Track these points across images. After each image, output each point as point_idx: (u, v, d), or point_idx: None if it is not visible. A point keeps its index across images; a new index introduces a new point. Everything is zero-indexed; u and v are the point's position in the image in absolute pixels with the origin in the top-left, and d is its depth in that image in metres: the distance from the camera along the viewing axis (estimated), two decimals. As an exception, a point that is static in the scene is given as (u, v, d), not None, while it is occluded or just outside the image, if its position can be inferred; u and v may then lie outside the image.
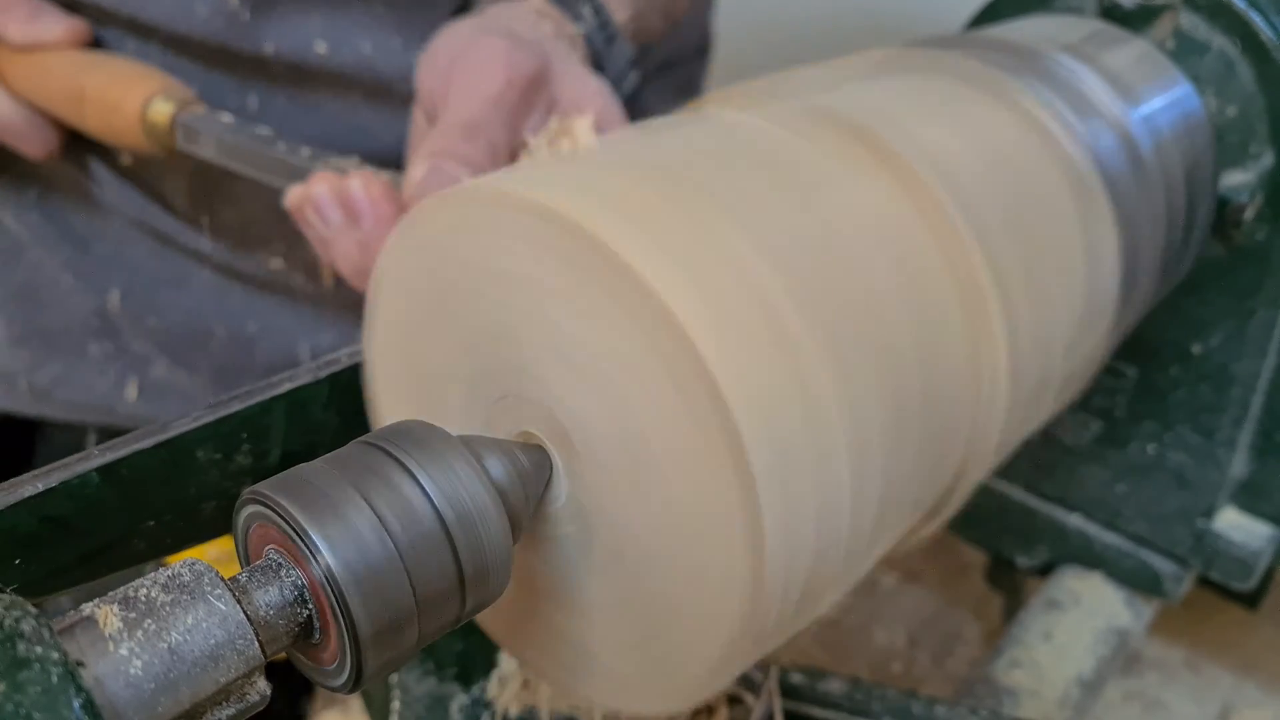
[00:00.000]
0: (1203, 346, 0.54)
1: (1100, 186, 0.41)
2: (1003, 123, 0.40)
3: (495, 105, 0.47)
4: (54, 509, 0.32)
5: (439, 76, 0.49)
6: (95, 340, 0.68)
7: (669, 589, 0.29)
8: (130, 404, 0.69)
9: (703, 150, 0.33)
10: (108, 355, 0.68)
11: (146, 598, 0.23)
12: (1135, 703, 0.68)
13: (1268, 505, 0.57)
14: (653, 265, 0.26)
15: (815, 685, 0.46)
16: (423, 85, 0.51)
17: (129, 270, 0.67)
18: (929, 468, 0.34)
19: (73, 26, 0.58)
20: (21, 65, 0.59)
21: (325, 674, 0.27)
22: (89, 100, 0.56)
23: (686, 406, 0.26)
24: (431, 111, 0.50)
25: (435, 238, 0.31)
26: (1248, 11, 0.49)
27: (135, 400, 0.69)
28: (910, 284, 0.33)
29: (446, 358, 0.32)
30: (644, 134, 0.35)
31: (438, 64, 0.50)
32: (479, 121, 0.46)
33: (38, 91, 0.59)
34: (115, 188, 0.66)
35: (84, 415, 0.70)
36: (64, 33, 0.58)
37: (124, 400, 0.69)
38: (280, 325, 0.68)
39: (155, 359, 0.69)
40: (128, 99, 0.55)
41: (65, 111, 0.58)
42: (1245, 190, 0.50)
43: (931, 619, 0.79)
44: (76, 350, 0.69)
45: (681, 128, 0.35)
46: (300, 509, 0.25)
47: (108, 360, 0.68)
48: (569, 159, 0.32)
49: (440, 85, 0.49)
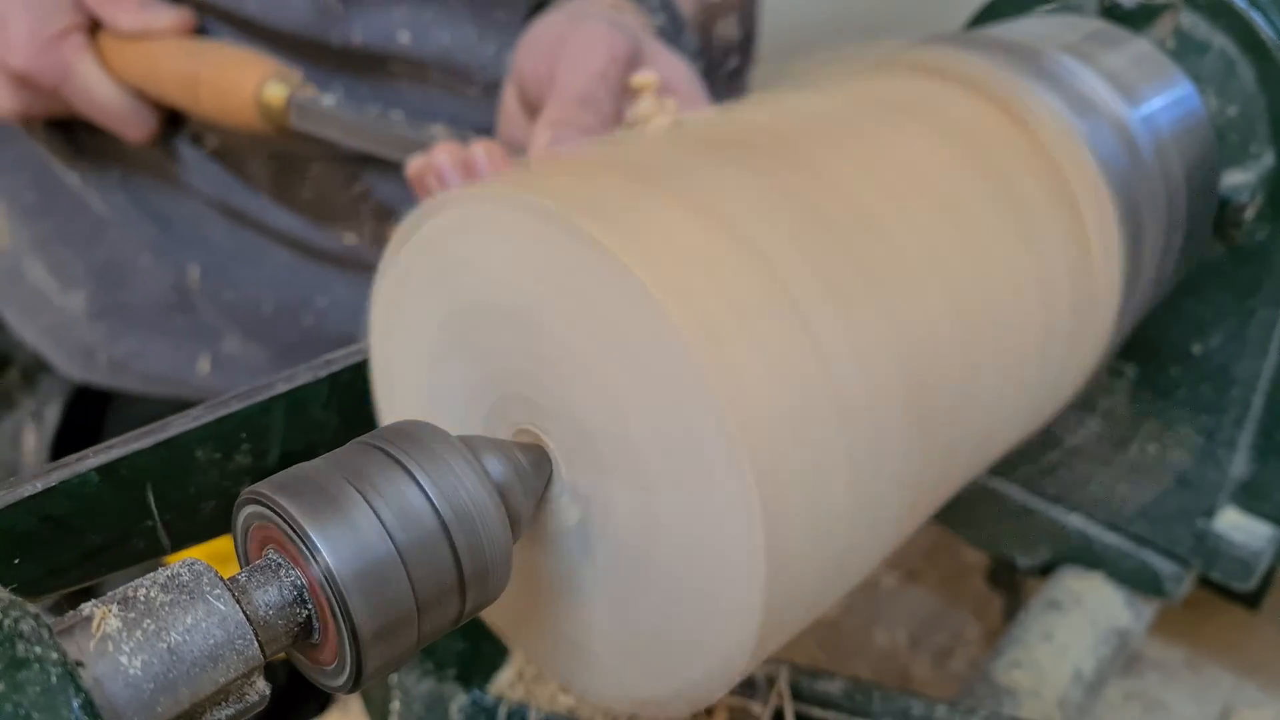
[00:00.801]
0: (1203, 346, 0.54)
1: (1102, 186, 0.41)
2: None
3: (602, 79, 0.51)
4: (53, 508, 0.32)
5: (542, 59, 0.53)
6: (171, 315, 0.72)
7: (669, 588, 0.29)
8: (202, 377, 0.72)
9: (705, 146, 0.33)
10: (182, 330, 0.72)
11: (146, 598, 0.23)
12: (1136, 703, 0.68)
13: (1269, 505, 0.57)
14: (647, 267, 0.26)
15: (815, 685, 0.46)
16: (523, 68, 0.55)
17: (207, 248, 0.71)
18: (937, 469, 0.34)
19: (180, 15, 0.62)
20: (131, 52, 0.62)
21: (325, 674, 0.27)
22: (204, 84, 0.60)
23: (680, 406, 0.26)
24: (531, 92, 0.55)
25: (437, 238, 0.31)
26: (1248, 11, 0.49)
27: (207, 374, 0.72)
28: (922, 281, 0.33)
29: (446, 358, 0.33)
30: (640, 135, 0.35)
31: (540, 48, 0.54)
32: (590, 94, 0.50)
33: (148, 77, 0.62)
34: (199, 168, 0.69)
35: (158, 388, 0.73)
36: (172, 21, 0.62)
37: (196, 374, 0.72)
38: (351, 301, 0.71)
39: (228, 333, 0.72)
40: (243, 82, 0.59)
41: (178, 96, 0.62)
42: (1246, 190, 0.50)
43: (932, 619, 0.79)
44: (154, 325, 0.72)
45: (688, 127, 0.35)
46: (300, 509, 0.25)
47: (182, 335, 0.72)
48: (573, 160, 0.32)
49: (544, 67, 0.53)
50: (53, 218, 0.73)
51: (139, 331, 0.73)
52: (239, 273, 0.71)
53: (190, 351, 0.73)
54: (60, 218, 0.73)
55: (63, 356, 0.75)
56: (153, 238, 0.71)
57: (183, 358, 0.73)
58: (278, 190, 0.70)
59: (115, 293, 0.73)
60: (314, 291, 0.72)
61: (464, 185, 0.32)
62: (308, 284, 0.72)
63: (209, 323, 0.72)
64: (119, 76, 0.63)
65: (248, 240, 0.71)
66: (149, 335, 0.72)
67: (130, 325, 0.73)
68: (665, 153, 0.33)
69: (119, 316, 0.73)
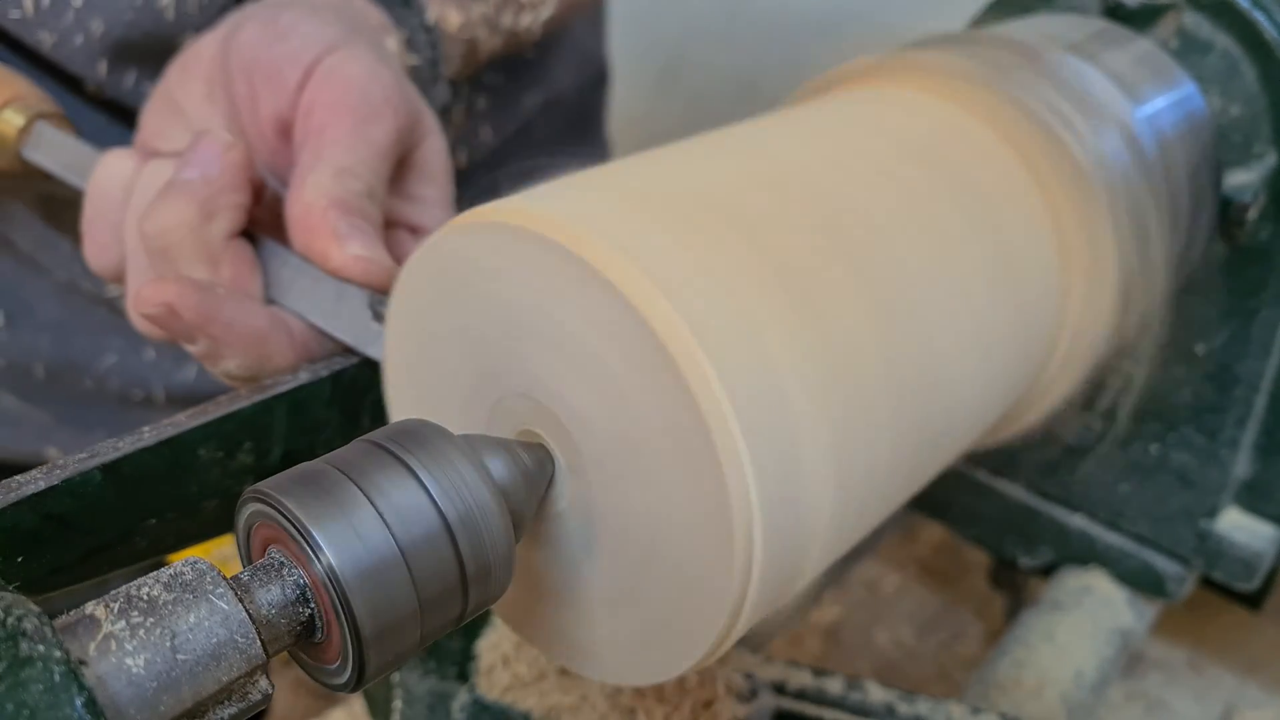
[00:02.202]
0: (1206, 346, 0.54)
1: (1102, 185, 0.41)
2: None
3: (382, 159, 0.41)
4: (56, 507, 0.32)
5: (295, 65, 0.42)
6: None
7: (669, 584, 0.30)
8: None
9: (698, 166, 0.34)
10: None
11: (148, 596, 0.23)
12: (1138, 703, 0.68)
13: (1271, 506, 0.57)
14: (633, 282, 0.27)
15: (815, 685, 0.46)
16: (257, 64, 0.42)
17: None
18: (924, 459, 0.35)
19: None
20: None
21: (327, 673, 0.27)
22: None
23: (671, 407, 0.27)
24: (257, 96, 0.42)
25: (445, 248, 0.31)
26: (1251, 11, 0.49)
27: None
28: (911, 284, 0.34)
29: (451, 357, 0.33)
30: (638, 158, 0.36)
31: (290, 48, 0.42)
32: (369, 170, 0.40)
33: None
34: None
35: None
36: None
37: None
38: (133, 358, 0.63)
39: (1, 392, 0.64)
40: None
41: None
42: (1249, 190, 0.50)
43: (933, 619, 0.79)
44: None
45: (682, 147, 0.36)
46: (302, 508, 0.25)
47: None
48: (569, 183, 0.33)
49: (293, 86, 0.41)
50: None
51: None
52: (1, 334, 0.62)
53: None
54: None
55: None
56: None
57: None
58: (46, 234, 0.59)
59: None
60: (91, 353, 0.62)
61: (472, 212, 0.30)
62: (82, 344, 0.62)
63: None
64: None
65: (9, 294, 0.61)
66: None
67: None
68: (652, 168, 0.34)
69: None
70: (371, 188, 0.40)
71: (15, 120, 0.49)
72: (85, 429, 0.64)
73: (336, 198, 0.38)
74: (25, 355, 0.62)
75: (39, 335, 0.62)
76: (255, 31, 0.42)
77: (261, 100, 0.42)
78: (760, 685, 0.45)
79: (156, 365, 0.63)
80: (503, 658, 0.46)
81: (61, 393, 0.63)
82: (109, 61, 0.52)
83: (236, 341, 0.38)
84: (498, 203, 0.31)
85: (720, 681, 0.44)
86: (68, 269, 0.60)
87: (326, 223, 0.38)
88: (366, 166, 0.40)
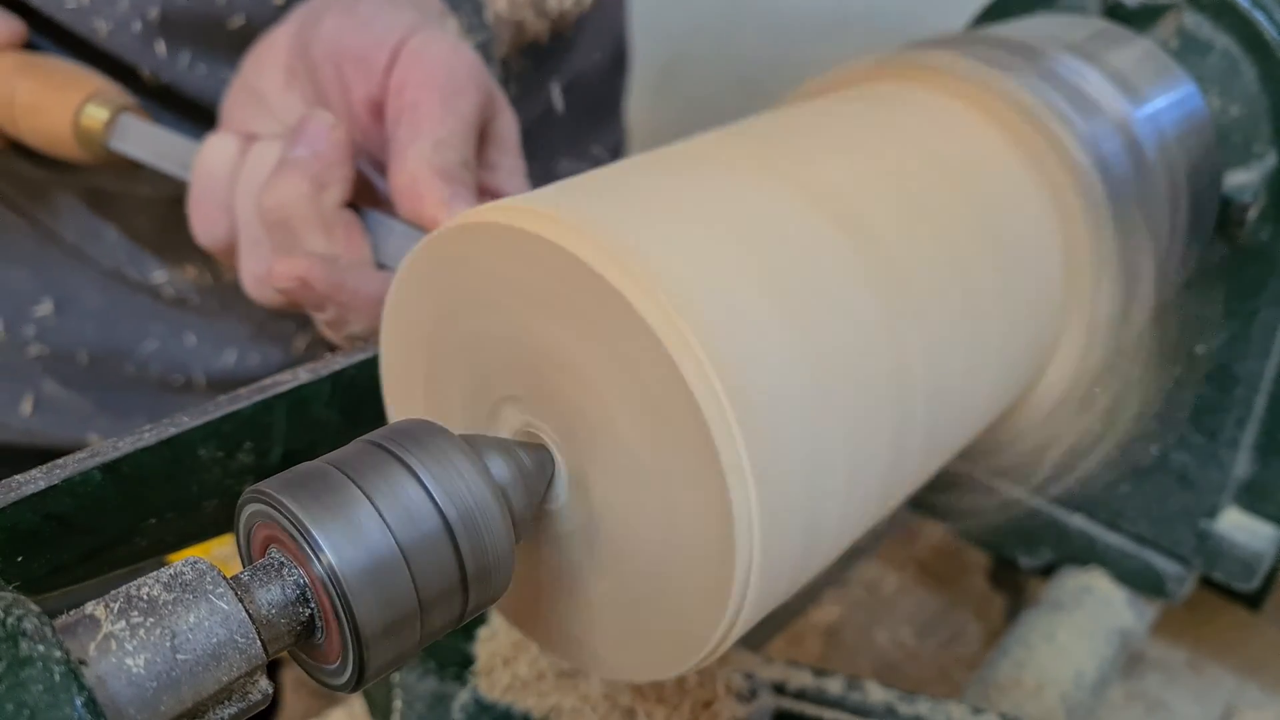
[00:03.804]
0: (1206, 346, 0.54)
1: (1102, 185, 0.41)
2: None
3: (471, 129, 0.44)
4: (56, 506, 0.32)
5: (381, 49, 0.44)
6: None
7: (669, 584, 0.30)
8: (25, 419, 0.67)
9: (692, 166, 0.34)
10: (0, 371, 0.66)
11: (149, 596, 0.23)
12: (1137, 703, 0.68)
13: (1271, 506, 0.57)
14: (633, 283, 0.27)
15: (815, 685, 0.46)
16: (344, 51, 0.45)
17: (12, 300, 0.64)
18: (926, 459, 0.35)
19: (5, 27, 0.54)
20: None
21: (328, 673, 0.27)
22: (19, 104, 0.53)
23: (671, 408, 0.27)
24: (347, 81, 0.45)
25: (448, 249, 0.32)
26: (1251, 11, 0.49)
27: (30, 415, 0.67)
28: (906, 290, 0.34)
29: (451, 357, 0.33)
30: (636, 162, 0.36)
31: (375, 34, 0.45)
32: (460, 139, 0.43)
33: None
34: (1, 211, 0.63)
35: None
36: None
37: (18, 415, 0.66)
38: (173, 344, 0.65)
39: (47, 378, 0.66)
40: (62, 103, 0.52)
41: (0, 119, 0.55)
42: (1249, 190, 0.50)
43: (933, 619, 0.79)
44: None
45: (681, 146, 0.37)
46: (302, 507, 0.25)
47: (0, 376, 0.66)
48: (569, 183, 0.33)
49: (381, 68, 0.44)
50: None
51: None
52: (46, 322, 0.64)
53: (12, 392, 0.66)
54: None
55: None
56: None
57: (3, 399, 0.66)
58: (92, 224, 0.62)
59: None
60: (133, 339, 0.65)
61: (473, 212, 0.31)
62: (125, 331, 0.65)
63: (23, 370, 0.66)
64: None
65: (56, 283, 0.64)
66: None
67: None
68: (652, 168, 0.34)
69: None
70: (465, 157, 0.43)
71: (100, 114, 0.52)
72: (125, 415, 0.67)
73: (438, 167, 0.42)
74: (70, 343, 0.64)
75: (84, 323, 0.64)
76: (337, 22, 0.46)
77: (352, 84, 0.45)
78: (760, 685, 0.45)
79: (196, 351, 0.65)
80: (503, 658, 0.46)
81: (103, 379, 0.66)
82: (165, 45, 0.55)
83: (361, 306, 0.41)
84: (496, 203, 0.31)
85: (720, 681, 0.44)
86: (112, 258, 0.63)
87: (432, 190, 0.41)
88: (459, 137, 0.43)
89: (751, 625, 0.31)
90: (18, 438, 0.67)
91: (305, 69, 0.47)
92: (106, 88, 0.53)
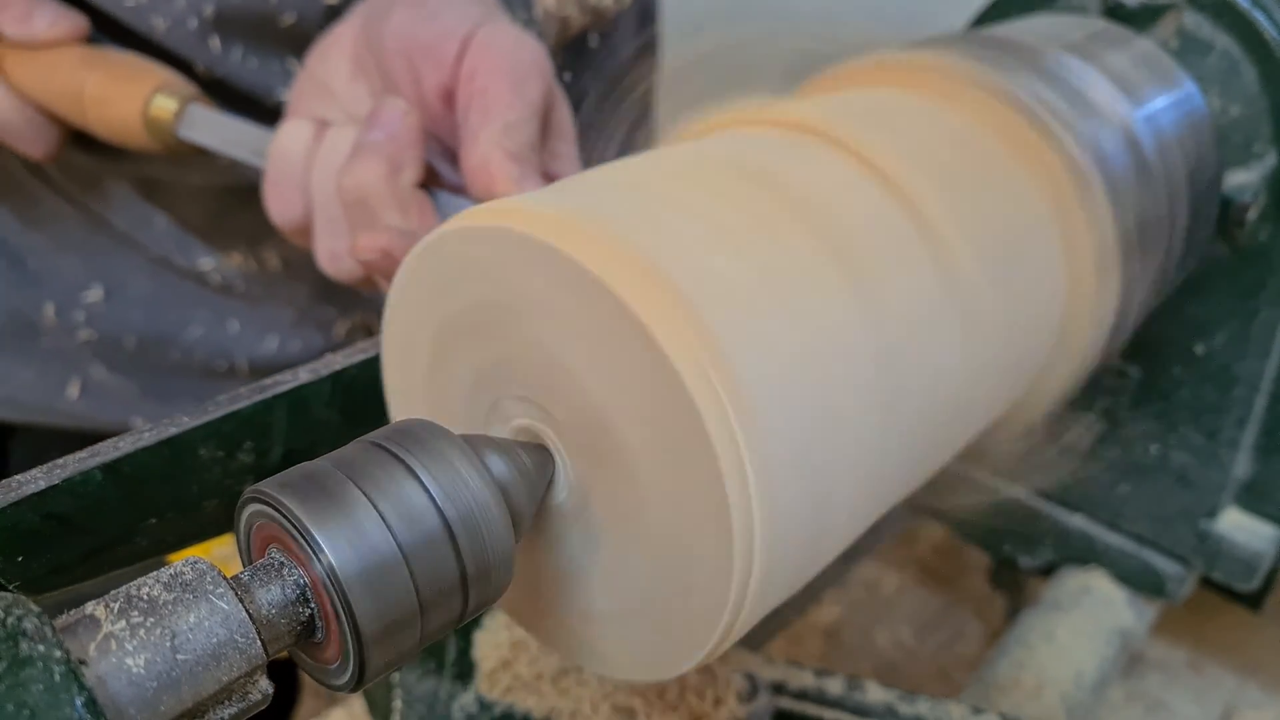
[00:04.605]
0: (1206, 346, 0.54)
1: (1102, 185, 0.41)
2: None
3: (535, 115, 0.46)
4: (56, 506, 0.32)
5: (451, 40, 0.47)
6: (35, 341, 0.68)
7: (669, 583, 0.30)
8: (71, 402, 0.69)
9: (681, 163, 0.35)
10: (49, 355, 0.68)
11: (149, 596, 0.23)
12: (1137, 703, 0.68)
13: (1271, 506, 0.57)
14: (630, 283, 0.27)
15: (815, 685, 0.46)
16: (415, 42, 0.47)
17: (62, 284, 0.67)
18: (926, 458, 0.35)
19: (70, 22, 0.57)
20: (25, 63, 0.58)
21: (328, 673, 0.27)
22: (89, 97, 0.56)
23: (670, 408, 0.27)
24: (418, 70, 0.47)
25: (447, 250, 0.32)
26: (1251, 11, 0.49)
27: (77, 399, 0.69)
28: (906, 272, 0.34)
29: (451, 357, 0.33)
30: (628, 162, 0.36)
31: (444, 26, 0.47)
32: (527, 123, 0.46)
33: (41, 90, 0.58)
34: (54, 199, 0.65)
35: (23, 415, 0.70)
36: (59, 30, 0.57)
37: (65, 399, 0.69)
38: (218, 330, 0.68)
39: (94, 363, 0.69)
40: (130, 95, 0.55)
41: (68, 110, 0.57)
42: (1249, 190, 0.50)
43: (934, 619, 0.79)
44: (17, 350, 0.68)
45: (668, 150, 0.37)
46: (302, 508, 0.25)
47: (49, 360, 0.69)
48: (567, 184, 0.33)
49: (452, 57, 0.46)
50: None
51: (2, 357, 0.69)
52: (95, 308, 0.67)
53: (59, 376, 0.69)
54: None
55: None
56: (3, 272, 0.67)
57: (51, 383, 0.69)
58: (143, 211, 0.65)
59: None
60: (179, 325, 0.68)
61: (472, 213, 0.31)
62: (172, 317, 0.67)
63: (72, 353, 0.69)
64: (16, 88, 0.58)
65: (106, 270, 0.67)
66: (13, 360, 0.69)
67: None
68: (650, 168, 0.34)
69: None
70: (532, 140, 0.46)
71: (169, 105, 0.54)
72: (169, 400, 0.69)
73: (508, 148, 0.44)
74: (118, 328, 0.67)
75: (132, 309, 0.67)
76: (407, 15, 0.48)
77: (423, 73, 0.47)
78: (760, 685, 0.45)
79: (240, 338, 0.68)
80: (503, 659, 0.46)
81: (149, 364, 0.68)
82: (219, 41, 0.58)
83: None
84: (495, 203, 0.31)
85: (720, 681, 0.45)
86: (161, 245, 0.66)
87: (504, 171, 0.44)
88: (526, 122, 0.45)
89: (752, 625, 0.31)
90: (64, 421, 0.69)
91: (373, 61, 0.49)
92: (173, 79, 0.56)
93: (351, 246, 0.45)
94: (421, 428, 0.28)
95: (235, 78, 0.59)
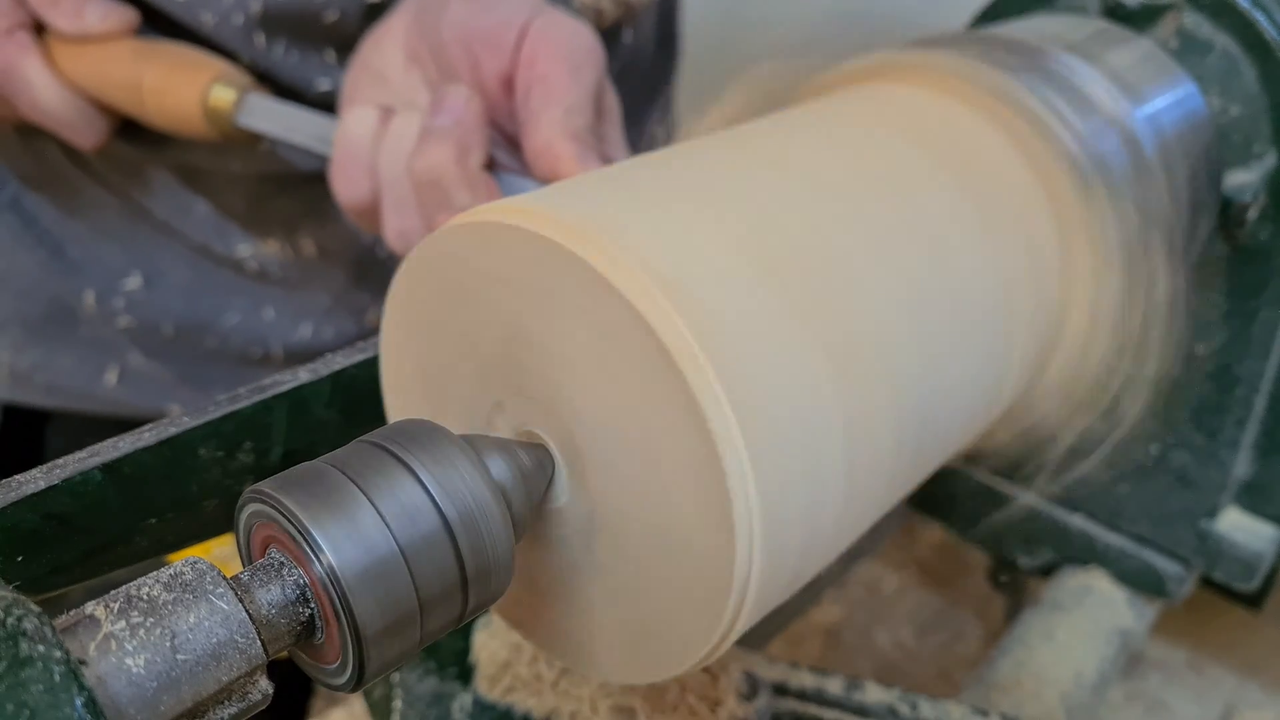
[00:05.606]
0: (1206, 346, 0.54)
1: (1102, 185, 0.41)
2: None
3: (591, 99, 0.48)
4: (56, 506, 0.32)
5: (510, 29, 0.49)
6: (74, 327, 0.70)
7: (669, 584, 0.30)
8: (109, 389, 0.70)
9: (689, 160, 0.35)
10: (87, 342, 0.70)
11: (149, 596, 0.23)
12: (1137, 703, 0.68)
13: (1271, 506, 0.57)
14: (631, 282, 0.27)
15: (816, 685, 0.46)
16: (474, 32, 0.50)
17: (102, 271, 0.69)
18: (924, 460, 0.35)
19: (123, 17, 0.59)
20: (78, 56, 0.59)
21: (327, 673, 0.27)
22: (148, 88, 0.58)
23: (671, 407, 0.27)
24: (477, 58, 0.50)
25: (445, 249, 0.31)
26: (1251, 11, 0.49)
27: (115, 385, 0.70)
28: (911, 283, 0.34)
29: (450, 357, 0.33)
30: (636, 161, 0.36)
31: (502, 15, 0.49)
32: (585, 107, 0.47)
33: (94, 81, 0.59)
34: (95, 189, 0.67)
35: (62, 401, 0.71)
36: (112, 24, 0.58)
37: (103, 385, 0.70)
38: (254, 318, 0.69)
39: (132, 349, 0.70)
40: (188, 86, 0.57)
41: (123, 101, 0.59)
42: (1249, 190, 0.50)
43: (933, 619, 0.79)
44: (56, 337, 0.70)
45: (680, 148, 0.37)
46: (302, 508, 0.25)
47: (87, 347, 0.70)
48: (571, 183, 0.33)
49: (511, 45, 0.49)
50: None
51: (42, 344, 0.70)
52: (135, 295, 0.69)
53: (98, 363, 0.70)
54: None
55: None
56: (44, 261, 0.69)
57: (90, 369, 0.70)
58: (183, 199, 0.67)
59: (12, 305, 0.70)
60: (216, 312, 0.69)
61: (473, 211, 0.32)
62: (209, 304, 0.69)
63: (109, 340, 0.70)
64: (68, 80, 0.59)
65: (145, 258, 0.68)
66: (52, 347, 0.70)
67: (32, 337, 0.70)
68: (653, 168, 0.34)
69: (20, 328, 0.70)
70: (590, 122, 0.48)
71: (227, 95, 0.57)
72: (205, 386, 0.71)
73: (569, 130, 0.46)
74: (157, 315, 0.69)
75: (171, 296, 0.69)
76: (464, 7, 0.50)
77: (483, 61, 0.49)
78: (760, 685, 0.45)
79: (275, 325, 0.70)
80: (502, 659, 0.46)
81: (186, 351, 0.70)
82: (265, 36, 0.60)
83: None
84: (496, 203, 0.31)
85: (720, 681, 0.44)
86: (200, 232, 0.68)
87: (566, 150, 0.46)
88: (584, 105, 0.48)
89: (751, 625, 0.31)
90: (101, 407, 0.71)
91: (427, 50, 0.51)
92: (228, 70, 0.58)
93: (431, 225, 0.47)
94: (421, 428, 0.28)
95: (277, 70, 0.61)
